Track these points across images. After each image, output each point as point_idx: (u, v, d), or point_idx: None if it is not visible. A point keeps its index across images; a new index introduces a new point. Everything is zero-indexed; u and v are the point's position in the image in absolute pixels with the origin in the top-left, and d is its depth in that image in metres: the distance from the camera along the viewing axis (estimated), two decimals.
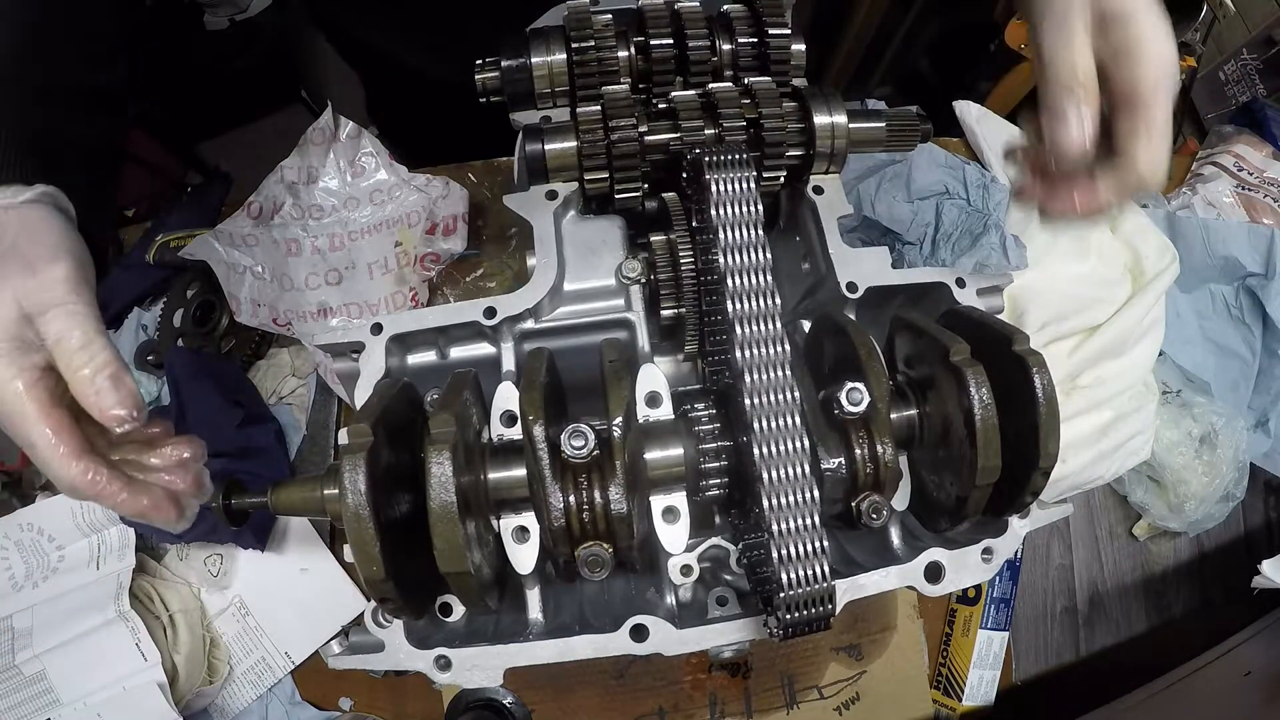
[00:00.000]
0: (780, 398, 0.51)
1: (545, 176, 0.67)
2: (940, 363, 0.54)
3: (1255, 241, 1.10)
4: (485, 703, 0.93)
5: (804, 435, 0.50)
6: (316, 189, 1.07)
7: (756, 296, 0.53)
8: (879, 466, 0.54)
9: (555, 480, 0.51)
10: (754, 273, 0.53)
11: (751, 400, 0.51)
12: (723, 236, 0.53)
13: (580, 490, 0.51)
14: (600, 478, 0.51)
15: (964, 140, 1.19)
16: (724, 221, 0.54)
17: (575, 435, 0.49)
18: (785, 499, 0.49)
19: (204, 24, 2.46)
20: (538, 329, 0.66)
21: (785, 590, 0.49)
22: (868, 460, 0.54)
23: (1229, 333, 1.12)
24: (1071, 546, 1.10)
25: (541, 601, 0.60)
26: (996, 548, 0.59)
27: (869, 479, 0.55)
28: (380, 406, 0.49)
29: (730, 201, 0.54)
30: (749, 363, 0.51)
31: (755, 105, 0.64)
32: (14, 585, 0.91)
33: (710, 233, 0.54)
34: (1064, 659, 1.07)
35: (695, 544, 0.66)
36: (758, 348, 0.51)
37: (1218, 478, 1.02)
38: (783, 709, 0.98)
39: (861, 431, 0.55)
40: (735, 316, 0.52)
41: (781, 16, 0.68)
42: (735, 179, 0.55)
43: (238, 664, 0.94)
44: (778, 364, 0.51)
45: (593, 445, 0.49)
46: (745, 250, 0.53)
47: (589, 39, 0.67)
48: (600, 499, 0.51)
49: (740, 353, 0.51)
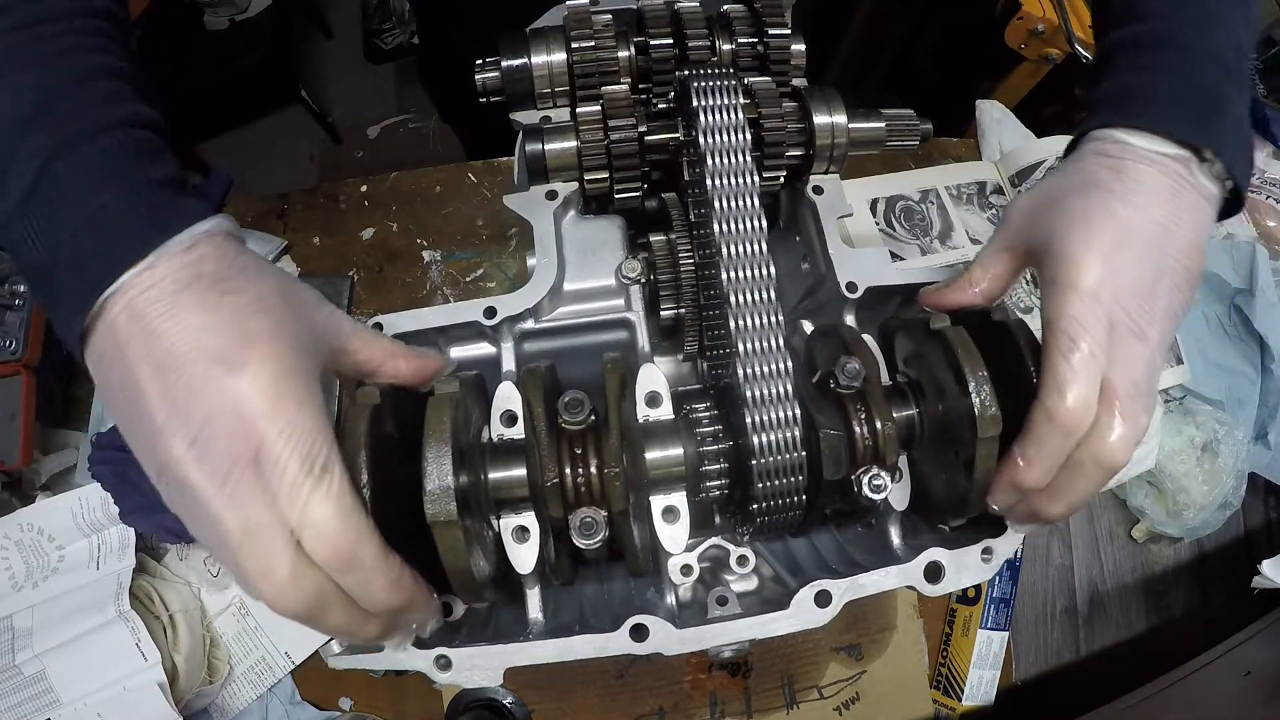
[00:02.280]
0: (757, 270, 0.54)
1: (545, 176, 0.67)
2: (926, 336, 0.55)
3: (1237, 258, 1.11)
4: (485, 703, 0.93)
5: (779, 311, 0.54)
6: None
7: (737, 174, 0.55)
8: (878, 436, 0.55)
9: (551, 442, 0.52)
10: (735, 152, 0.56)
11: (728, 274, 0.54)
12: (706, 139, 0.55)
13: (576, 458, 0.52)
14: (596, 443, 0.53)
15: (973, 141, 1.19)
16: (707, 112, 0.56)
17: (571, 406, 0.51)
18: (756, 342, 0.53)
19: (204, 24, 2.46)
20: (538, 329, 0.66)
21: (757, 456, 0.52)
22: (866, 434, 0.55)
23: (1229, 352, 1.12)
24: (1071, 547, 1.10)
25: (541, 601, 0.60)
26: (996, 548, 0.59)
27: (868, 451, 0.55)
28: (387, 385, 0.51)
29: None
30: (729, 241, 0.54)
31: (755, 105, 0.64)
32: (14, 585, 0.91)
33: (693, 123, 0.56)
34: (1064, 659, 1.07)
35: (695, 544, 0.66)
36: (738, 222, 0.55)
37: (1218, 486, 1.02)
38: (783, 709, 0.98)
39: (859, 404, 0.55)
40: (714, 193, 0.55)
41: (781, 16, 0.68)
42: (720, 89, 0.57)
43: (238, 664, 0.93)
44: (754, 240, 0.54)
45: (589, 412, 0.51)
46: (726, 131, 0.56)
47: (589, 39, 0.67)
48: (595, 462, 0.52)
49: (718, 225, 0.54)
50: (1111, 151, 0.54)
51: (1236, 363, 1.11)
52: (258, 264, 0.45)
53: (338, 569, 0.42)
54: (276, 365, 0.41)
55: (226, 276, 0.43)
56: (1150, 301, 0.50)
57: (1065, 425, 0.49)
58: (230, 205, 1.15)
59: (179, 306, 0.41)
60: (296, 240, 1.12)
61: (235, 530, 0.40)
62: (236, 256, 0.44)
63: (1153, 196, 0.51)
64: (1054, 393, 0.49)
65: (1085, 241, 0.51)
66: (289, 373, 0.42)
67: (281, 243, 1.10)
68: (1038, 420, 0.50)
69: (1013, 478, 0.51)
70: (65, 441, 0.99)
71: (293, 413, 0.41)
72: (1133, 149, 0.53)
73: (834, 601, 0.56)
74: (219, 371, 0.40)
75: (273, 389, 0.41)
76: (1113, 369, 0.49)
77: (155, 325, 0.40)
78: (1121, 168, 0.52)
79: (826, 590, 0.56)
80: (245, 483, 0.40)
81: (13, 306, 0.90)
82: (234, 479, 0.40)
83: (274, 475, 0.40)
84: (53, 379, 0.96)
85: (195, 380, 0.40)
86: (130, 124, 0.45)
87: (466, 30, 1.12)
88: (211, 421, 0.40)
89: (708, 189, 0.56)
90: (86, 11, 0.47)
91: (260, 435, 0.40)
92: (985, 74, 1.74)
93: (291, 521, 0.40)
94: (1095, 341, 0.49)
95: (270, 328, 0.42)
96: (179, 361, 0.40)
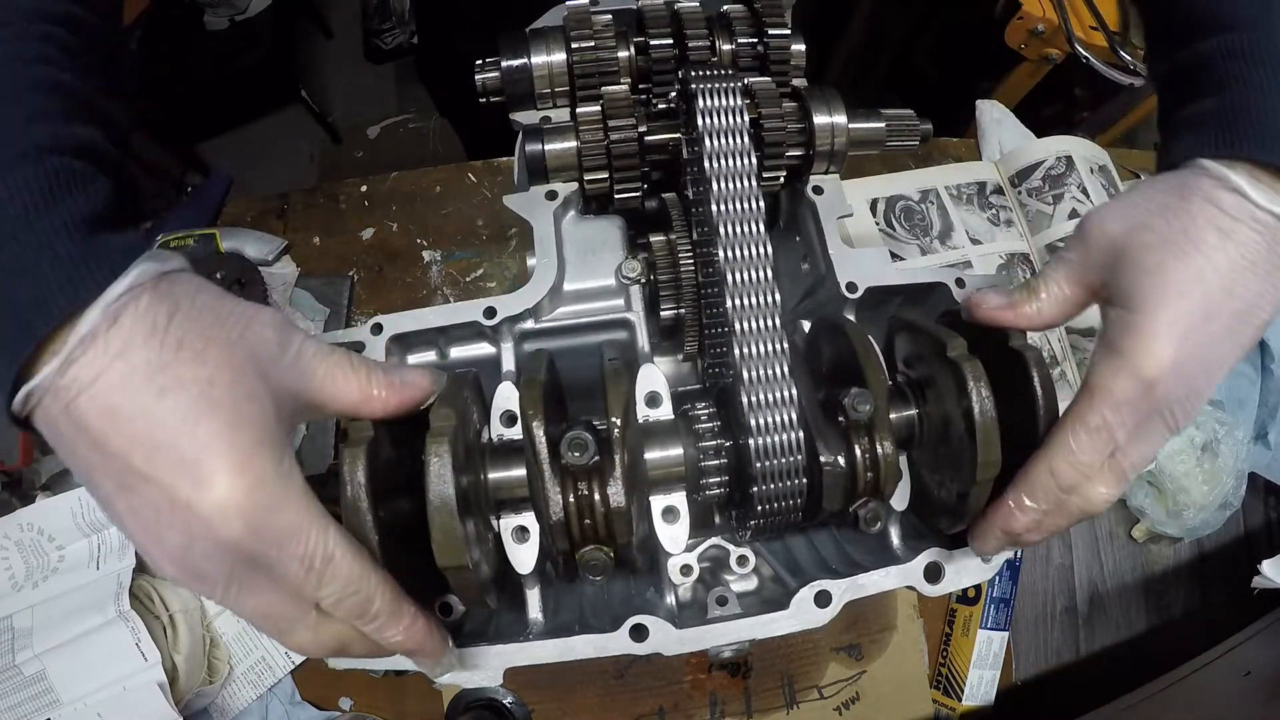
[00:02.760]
0: (758, 274, 0.55)
1: (545, 177, 0.67)
2: (938, 359, 0.54)
3: None
4: (485, 703, 0.93)
5: (780, 315, 0.54)
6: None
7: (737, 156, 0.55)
8: (879, 469, 0.54)
9: (555, 480, 0.51)
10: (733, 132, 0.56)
11: (730, 277, 0.54)
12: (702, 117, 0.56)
13: (579, 493, 0.51)
14: (600, 480, 0.51)
15: (973, 141, 1.19)
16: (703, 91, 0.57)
17: (575, 444, 0.48)
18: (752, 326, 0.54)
19: (204, 24, 2.46)
20: (538, 329, 0.66)
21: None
22: (867, 464, 0.54)
23: None
24: (1071, 546, 1.10)
25: (541, 601, 0.60)
26: None
27: (869, 483, 0.55)
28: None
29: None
30: (730, 246, 0.55)
31: (755, 105, 0.64)
32: (14, 585, 0.91)
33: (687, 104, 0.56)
34: (1064, 659, 1.07)
35: (695, 544, 0.66)
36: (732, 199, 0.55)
37: (1218, 486, 1.02)
38: (783, 709, 0.98)
39: (863, 434, 0.55)
40: (712, 174, 0.55)
41: (781, 16, 0.68)
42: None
43: (238, 664, 0.93)
44: (756, 244, 0.55)
45: (593, 453, 0.48)
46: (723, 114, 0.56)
47: (589, 39, 0.67)
48: (600, 499, 0.51)
49: (720, 229, 0.55)
50: (1227, 206, 0.47)
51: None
52: (193, 323, 0.39)
53: (355, 620, 0.44)
54: (243, 476, 0.37)
55: (162, 365, 0.37)
56: (1198, 396, 0.48)
57: (1064, 484, 0.49)
58: (230, 205, 1.15)
59: (119, 415, 0.36)
60: (296, 240, 1.12)
61: (254, 616, 0.41)
62: (168, 324, 0.38)
63: (1250, 272, 0.46)
64: (1064, 457, 0.48)
65: (1169, 321, 0.46)
66: (260, 480, 0.38)
67: (281, 243, 1.10)
68: (1039, 474, 0.49)
69: (1005, 525, 0.51)
70: None
71: (276, 522, 0.38)
72: (1248, 208, 0.46)
73: (834, 601, 0.56)
74: (185, 490, 0.37)
75: (247, 503, 0.37)
76: (1130, 444, 0.48)
77: (100, 436, 0.37)
78: (1233, 231, 0.46)
79: (826, 590, 0.56)
80: (248, 584, 0.40)
81: None
82: (236, 586, 0.39)
83: (277, 576, 0.40)
84: None
85: (162, 506, 0.37)
86: (52, 150, 0.39)
87: (465, 29, 1.12)
88: (192, 550, 0.38)
89: (709, 194, 0.56)
90: (35, 16, 0.42)
91: (249, 551, 0.38)
92: (985, 74, 1.74)
93: (308, 602, 0.42)
94: (1123, 425, 0.47)
95: (227, 427, 0.38)
96: (138, 481, 0.37)
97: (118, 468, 0.37)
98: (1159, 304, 0.46)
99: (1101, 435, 0.47)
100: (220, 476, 0.37)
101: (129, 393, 0.37)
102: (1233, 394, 1.10)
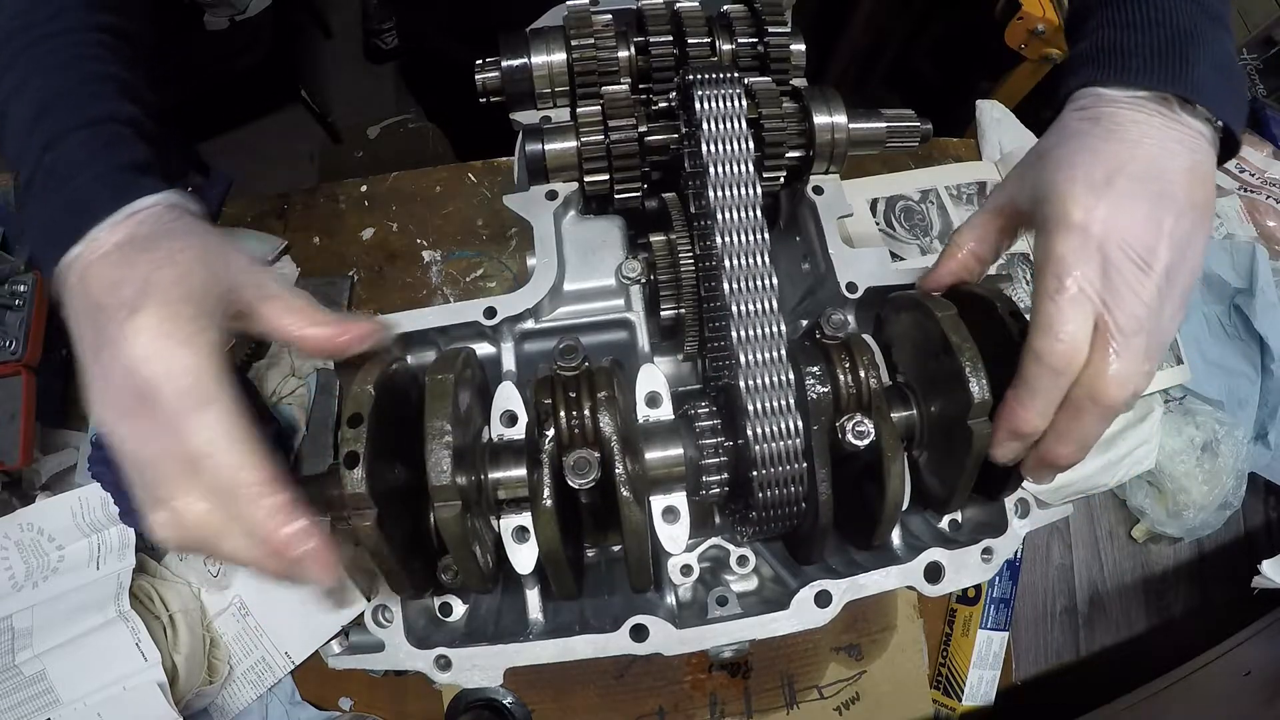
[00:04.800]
0: (760, 281, 0.55)
1: (545, 176, 0.67)
2: (919, 311, 0.56)
3: (1237, 258, 1.10)
4: (485, 703, 0.93)
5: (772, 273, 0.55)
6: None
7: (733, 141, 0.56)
8: (861, 386, 0.55)
9: (544, 387, 0.53)
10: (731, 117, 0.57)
11: (730, 284, 0.55)
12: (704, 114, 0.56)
13: (570, 401, 0.53)
14: (590, 387, 0.53)
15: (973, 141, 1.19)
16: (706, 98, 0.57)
17: (566, 352, 0.52)
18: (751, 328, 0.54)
19: (204, 24, 2.46)
20: (538, 329, 0.66)
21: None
22: (850, 383, 0.55)
23: (1229, 353, 1.12)
24: (1071, 546, 1.10)
25: (541, 601, 0.60)
26: (996, 548, 0.59)
27: (852, 399, 0.55)
28: (379, 373, 0.51)
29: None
30: (730, 254, 0.55)
31: (755, 105, 0.64)
32: (14, 585, 0.91)
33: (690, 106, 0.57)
34: (1064, 659, 1.07)
35: (695, 544, 0.66)
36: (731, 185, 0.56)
37: (1218, 486, 1.02)
38: (783, 709, 0.98)
39: (844, 354, 0.56)
40: (710, 160, 0.56)
41: (781, 17, 0.68)
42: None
43: (238, 664, 0.93)
44: (757, 251, 0.55)
45: (581, 358, 0.52)
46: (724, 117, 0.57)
47: (589, 39, 0.67)
48: (589, 403, 0.52)
49: (720, 237, 0.55)
50: (1089, 105, 0.53)
51: (1236, 363, 1.11)
52: (188, 226, 0.51)
53: (223, 496, 0.45)
54: (164, 309, 0.45)
55: (153, 237, 0.49)
56: (1151, 228, 0.48)
57: (1054, 365, 0.48)
58: (230, 205, 1.15)
59: (108, 263, 0.48)
60: (296, 240, 1.12)
61: (130, 463, 0.45)
62: (172, 221, 0.50)
63: (1137, 130, 0.51)
64: (1040, 334, 0.49)
65: (1070, 179, 0.50)
66: (175, 316, 0.45)
67: (281, 243, 1.10)
68: (1027, 363, 0.50)
69: (1010, 424, 0.51)
70: (65, 441, 0.99)
71: (174, 351, 0.45)
72: (1110, 98, 0.53)
73: (834, 601, 0.56)
74: (123, 316, 0.45)
75: (158, 329, 0.45)
76: (1109, 303, 0.48)
77: (89, 281, 0.48)
78: (1100, 115, 0.52)
79: (826, 590, 0.56)
80: (138, 418, 0.45)
81: (13, 307, 0.90)
82: (130, 415, 0.45)
83: (159, 410, 0.44)
84: (53, 379, 0.96)
85: (109, 326, 0.45)
86: (109, 120, 0.54)
87: (444, 34, 1.11)
88: (115, 362, 0.45)
89: (709, 195, 0.56)
90: (90, 27, 0.57)
91: (144, 374, 0.44)
92: (985, 74, 1.74)
93: (177, 453, 0.44)
94: (1084, 278, 0.48)
95: (172, 278, 0.47)
96: (98, 310, 0.47)
97: (90, 304, 0.47)
98: (1059, 174, 0.51)
99: (1061, 296, 0.48)
100: (151, 307, 0.45)
101: (124, 251, 0.48)
102: (1233, 394, 1.10)
